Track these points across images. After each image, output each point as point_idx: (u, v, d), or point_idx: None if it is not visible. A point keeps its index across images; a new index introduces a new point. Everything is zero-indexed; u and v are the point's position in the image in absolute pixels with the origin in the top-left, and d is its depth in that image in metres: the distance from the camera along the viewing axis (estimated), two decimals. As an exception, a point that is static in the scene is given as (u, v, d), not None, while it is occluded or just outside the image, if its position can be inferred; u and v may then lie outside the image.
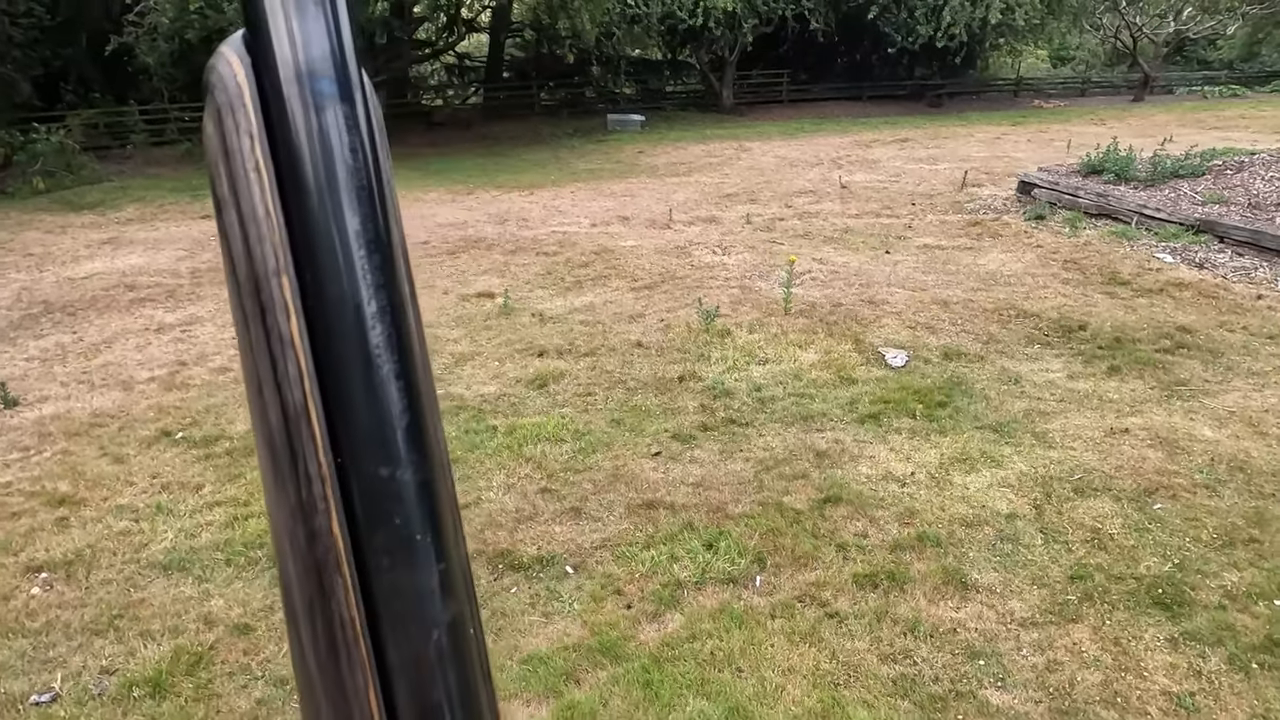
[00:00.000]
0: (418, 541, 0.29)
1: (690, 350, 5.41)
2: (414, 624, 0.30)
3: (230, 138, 0.28)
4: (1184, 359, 5.07)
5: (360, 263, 0.28)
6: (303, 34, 0.27)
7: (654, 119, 21.43)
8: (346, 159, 0.28)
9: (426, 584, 0.30)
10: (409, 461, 0.29)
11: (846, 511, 3.52)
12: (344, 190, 0.28)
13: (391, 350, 0.28)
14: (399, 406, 0.29)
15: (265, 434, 0.29)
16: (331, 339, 0.28)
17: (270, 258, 0.28)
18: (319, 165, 0.27)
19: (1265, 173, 8.42)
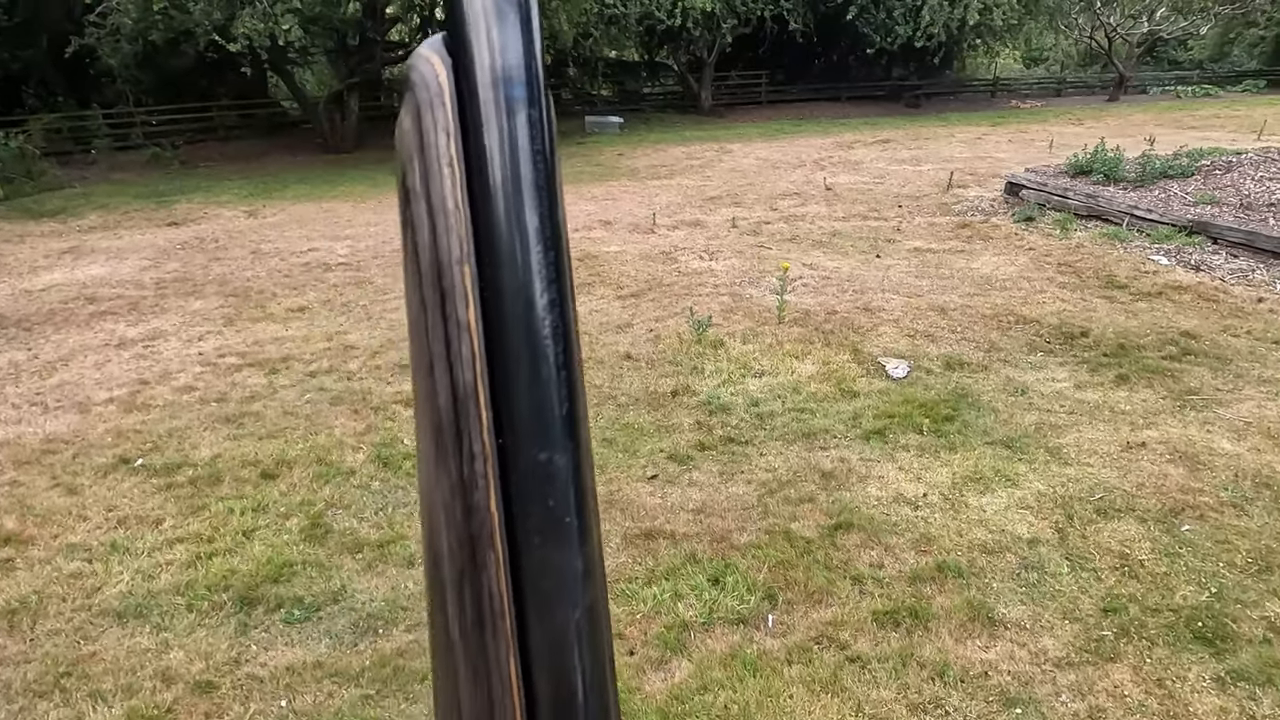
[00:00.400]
0: (566, 524, 0.30)
1: (682, 362, 5.17)
2: (557, 603, 0.30)
3: (428, 134, 0.30)
4: (1191, 366, 4.91)
5: (536, 258, 0.29)
6: (501, 41, 0.29)
7: (632, 121, 21.21)
8: (532, 160, 0.29)
9: (572, 565, 0.30)
10: (565, 447, 0.30)
11: (859, 539, 3.30)
12: (527, 189, 0.29)
13: (557, 341, 0.30)
14: (560, 395, 0.30)
15: (432, 413, 0.30)
16: (504, 327, 0.29)
17: (455, 247, 0.29)
18: (507, 165, 0.29)
19: (1255, 173, 8.34)
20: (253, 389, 5.08)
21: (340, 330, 6.16)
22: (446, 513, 0.30)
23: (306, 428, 4.51)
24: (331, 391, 5.00)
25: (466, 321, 0.29)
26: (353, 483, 3.91)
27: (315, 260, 8.36)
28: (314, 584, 3.17)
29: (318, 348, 5.77)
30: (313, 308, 6.79)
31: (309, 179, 14.33)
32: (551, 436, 0.30)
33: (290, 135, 19.53)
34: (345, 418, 4.64)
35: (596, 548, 0.32)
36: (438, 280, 0.30)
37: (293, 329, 6.24)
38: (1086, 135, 16.13)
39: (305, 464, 4.09)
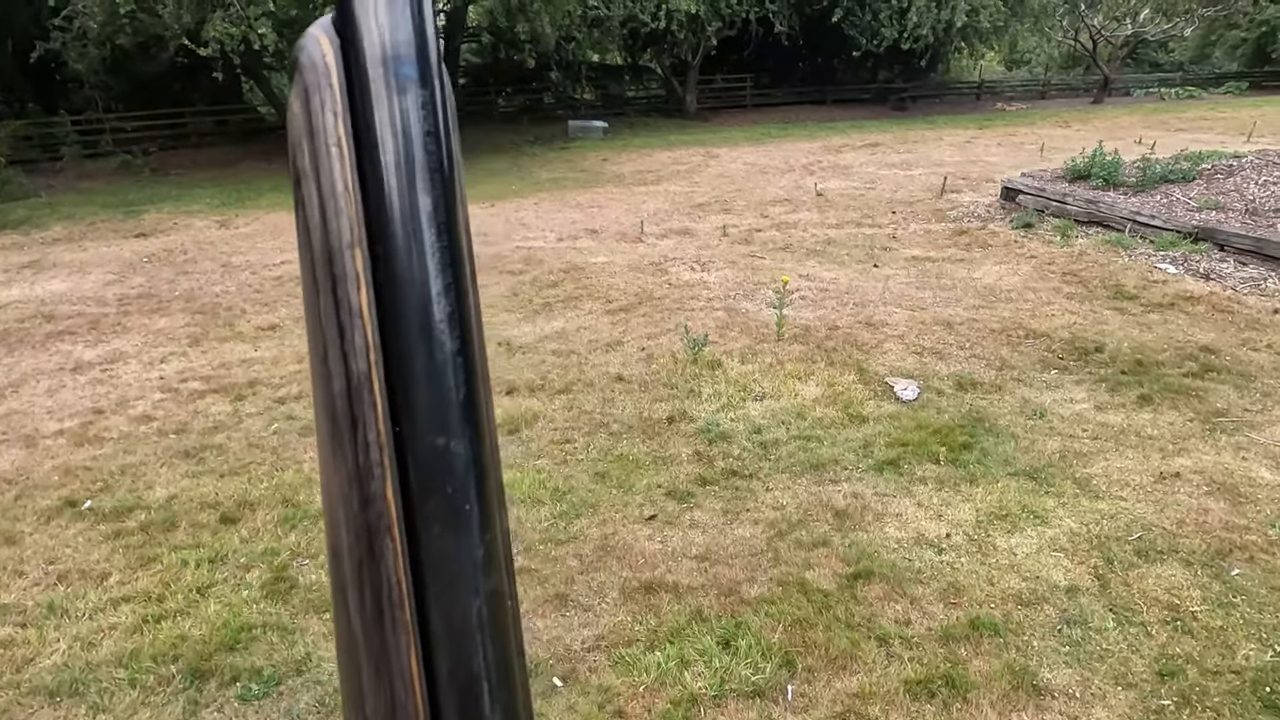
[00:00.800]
0: (466, 511, 0.30)
1: (678, 385, 4.85)
2: (458, 591, 0.30)
3: (316, 115, 0.29)
4: (1215, 384, 4.65)
5: (430, 242, 0.29)
6: (390, 20, 0.28)
7: (617, 125, 20.90)
8: (424, 141, 0.29)
9: (471, 553, 0.30)
10: (463, 434, 0.30)
11: (881, 590, 2.99)
12: (419, 171, 0.29)
13: (453, 327, 0.29)
14: (457, 380, 0.29)
15: (327, 401, 0.30)
16: (398, 313, 0.29)
17: (345, 231, 0.29)
18: (398, 145, 0.28)
19: (1258, 177, 8.14)
20: (216, 418, 4.72)
21: (313, 351, 5.79)
22: (344, 503, 0.30)
23: (273, 462, 4.16)
24: (301, 420, 4.64)
25: (359, 307, 0.29)
26: (321, 527, 3.56)
27: (288, 274, 7.98)
28: (275, 651, 2.82)
29: (288, 371, 5.41)
30: (284, 325, 6.42)
31: (284, 187, 13.88)
32: (449, 423, 0.29)
33: (265, 142, 19.06)
34: (315, 450, 4.27)
35: (500, 535, 0.31)
36: (329, 264, 0.29)
37: (262, 349, 5.88)
38: (1076, 138, 16.00)
39: (270, 505, 3.74)
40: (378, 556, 0.29)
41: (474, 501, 0.30)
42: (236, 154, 17.76)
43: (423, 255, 0.29)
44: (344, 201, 0.29)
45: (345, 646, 0.31)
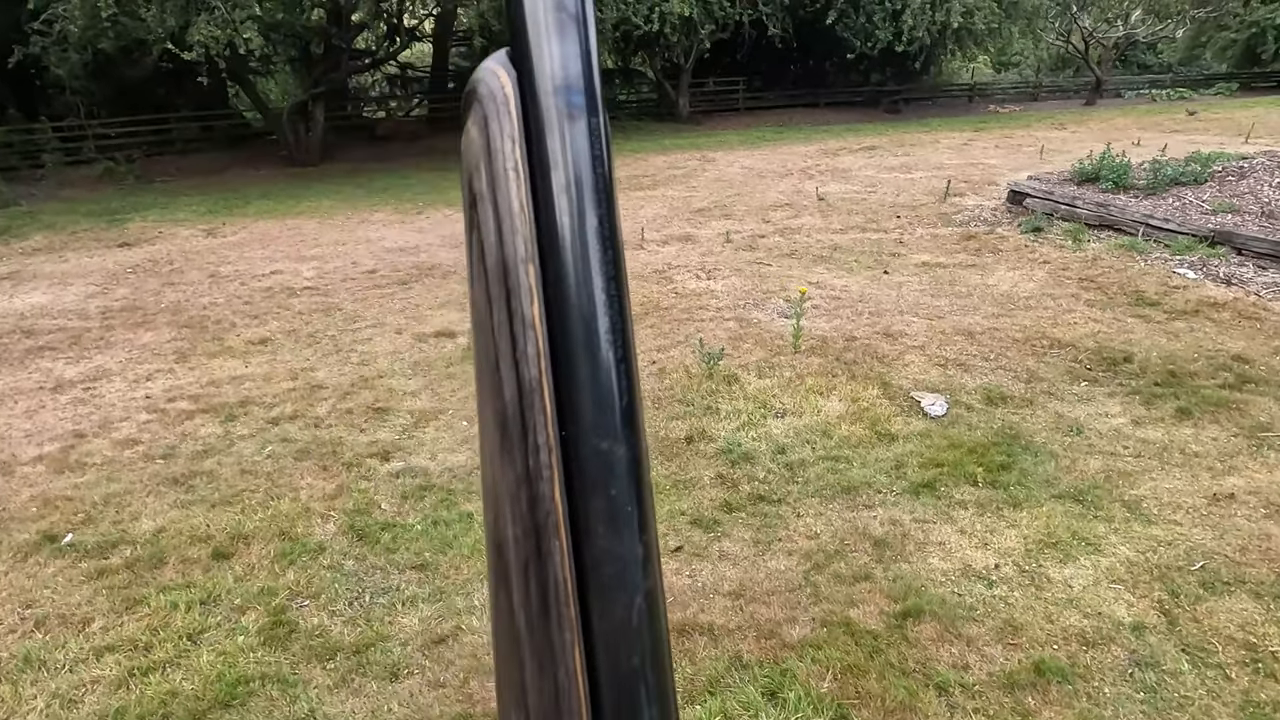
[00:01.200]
0: (628, 512, 0.31)
1: (694, 401, 4.62)
2: (620, 590, 0.31)
3: (494, 140, 0.31)
4: (1254, 396, 4.46)
5: (596, 256, 0.30)
6: (562, 54, 0.30)
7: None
8: (592, 164, 0.30)
9: (632, 553, 0.31)
10: (624, 438, 0.31)
11: (933, 630, 2.77)
12: (587, 192, 0.30)
13: (616, 338, 0.31)
14: (620, 387, 0.31)
15: (497, 407, 0.31)
16: (567, 323, 0.30)
17: (520, 248, 0.31)
18: (569, 169, 0.30)
19: (1271, 179, 8.00)
20: (205, 441, 4.45)
21: (306, 366, 5.54)
22: (512, 503, 0.31)
23: (267, 490, 3.90)
24: (297, 443, 4.38)
25: (531, 318, 0.30)
26: (322, 563, 3.31)
27: (279, 284, 7.71)
28: (275, 708, 2.57)
29: (281, 388, 5.15)
30: (276, 339, 6.16)
31: (272, 194, 13.61)
32: (612, 428, 0.30)
33: (252, 147, 18.75)
34: (312, 476, 4.03)
35: (654, 535, 0.32)
36: (504, 278, 0.31)
37: (253, 365, 5.61)
38: (1073, 140, 15.91)
39: (265, 539, 3.48)
40: (545, 555, 0.30)
41: (634, 503, 0.31)
42: (223, 160, 17.44)
43: (589, 271, 0.30)
44: (519, 220, 0.31)
45: (506, 642, 0.32)
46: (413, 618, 2.95)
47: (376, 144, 19.50)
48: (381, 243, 9.41)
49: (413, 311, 6.67)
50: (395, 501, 3.76)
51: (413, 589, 3.11)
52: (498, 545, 0.32)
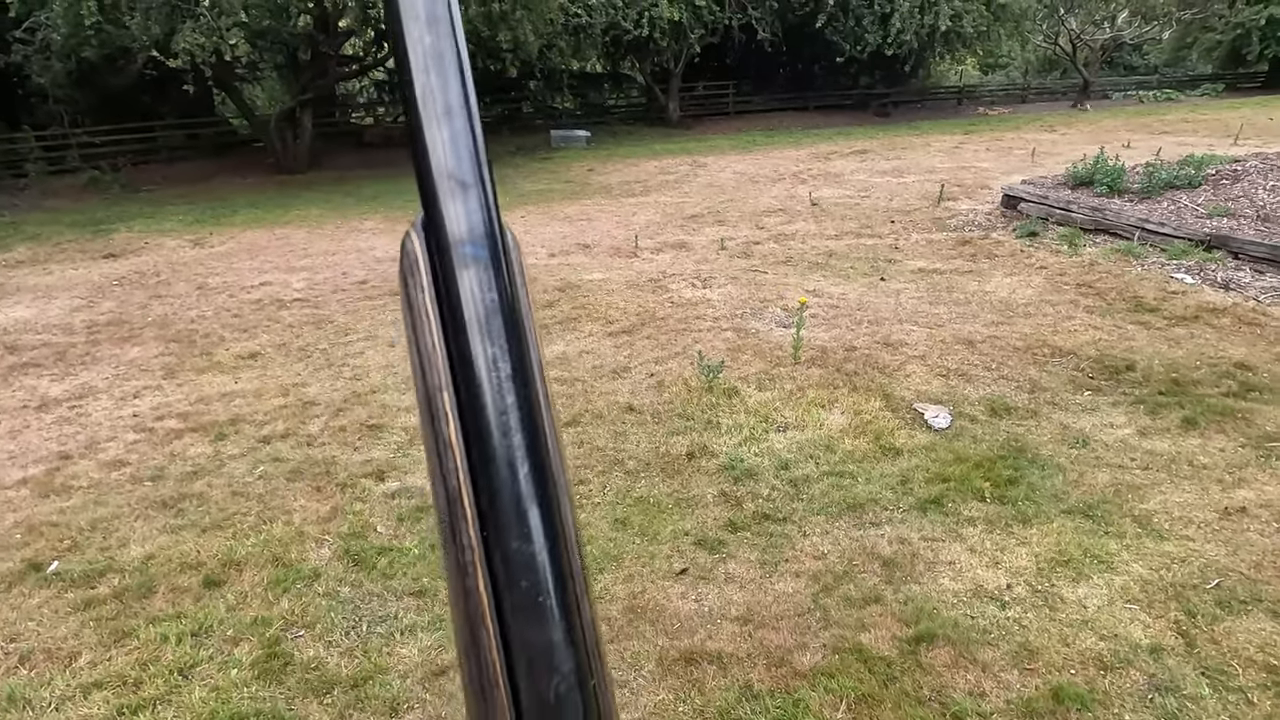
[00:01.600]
0: (542, 603, 0.35)
1: (694, 415, 4.55)
2: (543, 672, 0.34)
3: (411, 291, 0.37)
4: (1259, 405, 4.42)
5: (502, 383, 0.35)
6: (464, 213, 0.36)
7: (599, 134, 20.63)
8: (497, 302, 0.36)
9: (551, 639, 0.35)
10: (539, 538, 0.35)
11: (947, 655, 2.70)
12: (493, 325, 0.35)
13: (528, 451, 0.35)
14: (534, 494, 0.35)
15: (437, 509, 0.36)
16: (483, 440, 0.35)
17: (435, 378, 0.36)
18: (475, 307, 0.35)
19: (1265, 182, 8.00)
20: (195, 461, 4.35)
21: (298, 381, 5.43)
22: (453, 591, 0.36)
23: (259, 513, 3.80)
24: (289, 462, 4.29)
25: (448, 438, 0.35)
26: (317, 590, 3.22)
27: (268, 296, 7.60)
28: (270, 748, 2.48)
29: (272, 405, 5.05)
30: (266, 353, 6.05)
31: (260, 202, 13.48)
32: (525, 529, 0.35)
33: (239, 155, 18.60)
34: (306, 497, 3.93)
35: (581, 623, 0.36)
36: (427, 405, 0.36)
37: (243, 381, 5.51)
38: (1063, 142, 15.95)
39: (258, 565, 3.39)
40: (478, 642, 0.35)
41: (550, 594, 0.35)
42: (209, 168, 17.29)
43: (500, 393, 0.35)
44: (434, 356, 0.36)
45: (468, 703, 0.36)
46: (412, 648, 2.87)
47: (364, 151, 19.38)
48: (372, 252, 9.30)
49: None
50: (391, 524, 3.67)
51: (411, 617, 3.03)
52: (454, 627, 0.36)
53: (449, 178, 0.36)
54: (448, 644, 2.87)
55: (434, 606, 3.08)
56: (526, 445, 0.35)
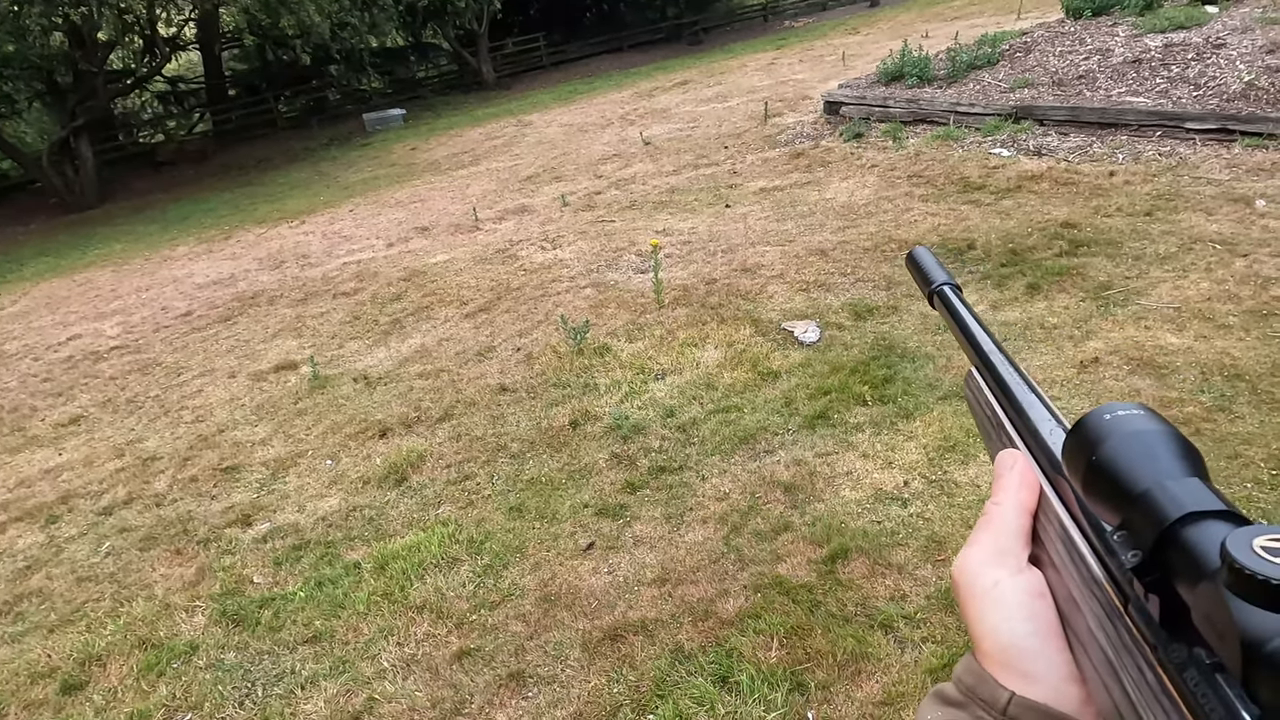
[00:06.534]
0: None
1: (569, 382, 4.39)
2: None
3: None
4: (1089, 258, 4.69)
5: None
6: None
7: (415, 110, 19.72)
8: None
9: None
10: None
11: (863, 567, 2.71)
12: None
13: None
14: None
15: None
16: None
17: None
18: None
19: (1054, 49, 8.47)
20: (27, 554, 3.84)
21: (133, 438, 4.90)
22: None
23: (115, 595, 3.39)
24: (138, 530, 3.85)
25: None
26: (197, 664, 2.90)
27: (80, 350, 6.82)
28: None
29: (107, 470, 4.53)
30: (89, 414, 5.43)
31: (51, 249, 12.12)
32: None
33: (16, 201, 16.66)
34: (165, 564, 3.54)
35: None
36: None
37: (68, 451, 4.92)
38: (868, 43, 16.46)
39: (123, 653, 3.01)
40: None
41: None
42: (-17, 221, 15.38)
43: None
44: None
45: None
46: (317, 701, 2.62)
47: (161, 171, 17.76)
48: (191, 280, 8.52)
49: (244, 349, 6.05)
50: (269, 571, 3.35)
51: (310, 667, 2.77)
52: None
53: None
54: (357, 686, 2.64)
55: (333, 650, 2.83)
56: None
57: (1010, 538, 0.41)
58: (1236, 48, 6.93)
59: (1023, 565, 0.41)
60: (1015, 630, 0.39)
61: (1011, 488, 0.43)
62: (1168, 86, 6.82)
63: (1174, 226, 4.82)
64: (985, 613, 0.39)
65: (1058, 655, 0.38)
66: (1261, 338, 3.54)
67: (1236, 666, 0.25)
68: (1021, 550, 0.41)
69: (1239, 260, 4.25)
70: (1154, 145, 6.25)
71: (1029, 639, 0.38)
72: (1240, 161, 5.55)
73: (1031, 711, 0.37)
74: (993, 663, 0.39)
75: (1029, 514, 0.42)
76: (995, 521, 0.42)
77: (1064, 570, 0.38)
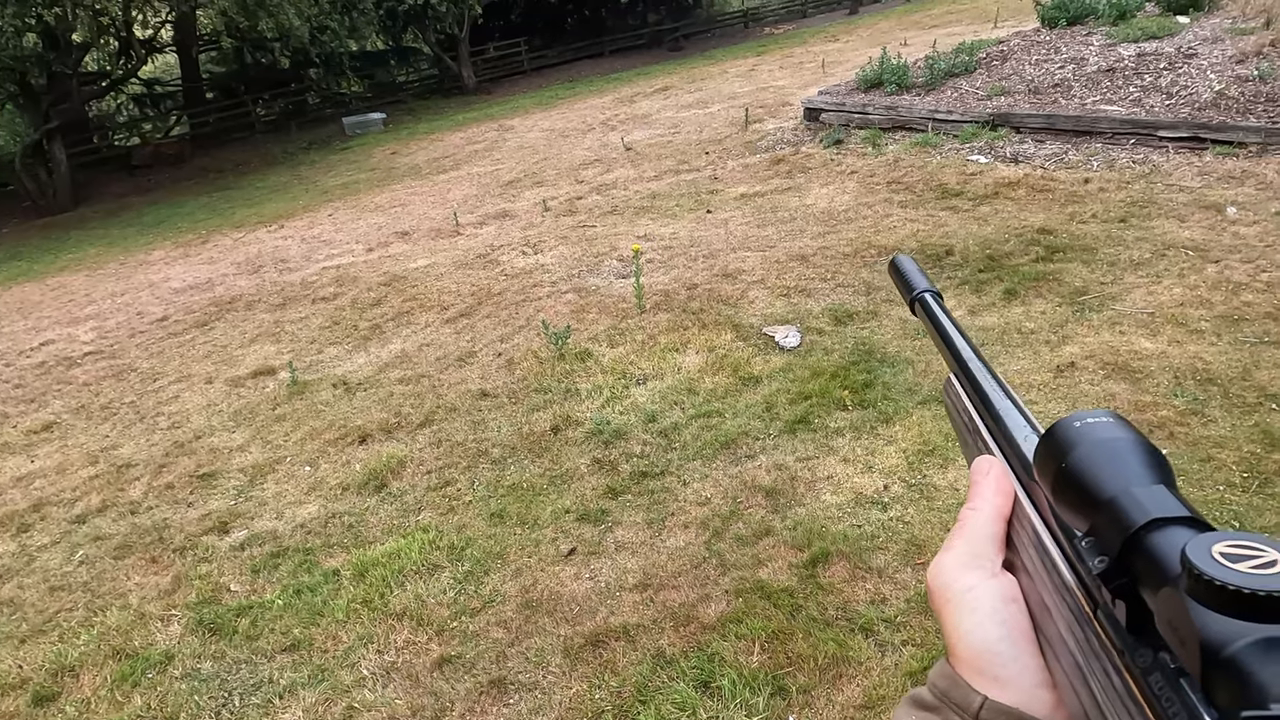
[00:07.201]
0: None
1: (551, 387, 4.38)
2: None
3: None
4: (1065, 264, 4.74)
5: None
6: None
7: (396, 114, 19.64)
8: None
9: None
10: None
11: (844, 570, 2.72)
12: None
13: None
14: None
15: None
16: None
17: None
18: None
19: (1029, 58, 8.58)
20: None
21: (107, 445, 4.83)
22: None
23: (88, 604, 3.34)
24: (113, 538, 3.80)
25: None
26: (173, 674, 2.86)
27: (53, 356, 6.72)
28: None
29: (80, 478, 4.46)
30: (62, 421, 5.35)
31: (23, 253, 11.94)
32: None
33: (-12, 203, 16.40)
34: (141, 573, 3.49)
35: None
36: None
37: (41, 458, 4.84)
38: (848, 50, 16.59)
39: (97, 664, 2.97)
40: None
41: None
42: (-47, 225, 15.13)
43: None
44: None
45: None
46: (295, 710, 2.59)
47: (137, 174, 17.56)
48: (167, 284, 8.43)
49: (221, 354, 5.99)
50: (246, 579, 3.31)
51: (288, 676, 2.74)
52: None
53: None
54: (336, 695, 2.62)
55: (311, 658, 2.80)
56: None
57: (984, 543, 0.42)
58: (1207, 57, 7.06)
59: (997, 570, 0.41)
60: (988, 635, 0.39)
61: (986, 493, 0.43)
62: (1141, 95, 6.93)
63: (1147, 233, 4.90)
64: (959, 618, 0.40)
65: (1030, 660, 0.38)
66: (1233, 343, 3.60)
67: (1197, 671, 0.26)
68: (996, 555, 0.41)
69: (1211, 266, 4.32)
70: (1128, 153, 6.34)
71: (1001, 644, 0.38)
72: (1211, 169, 5.65)
73: (1003, 716, 0.37)
74: (966, 667, 0.39)
75: (1003, 520, 0.42)
76: (970, 527, 0.42)
77: (1036, 576, 0.38)
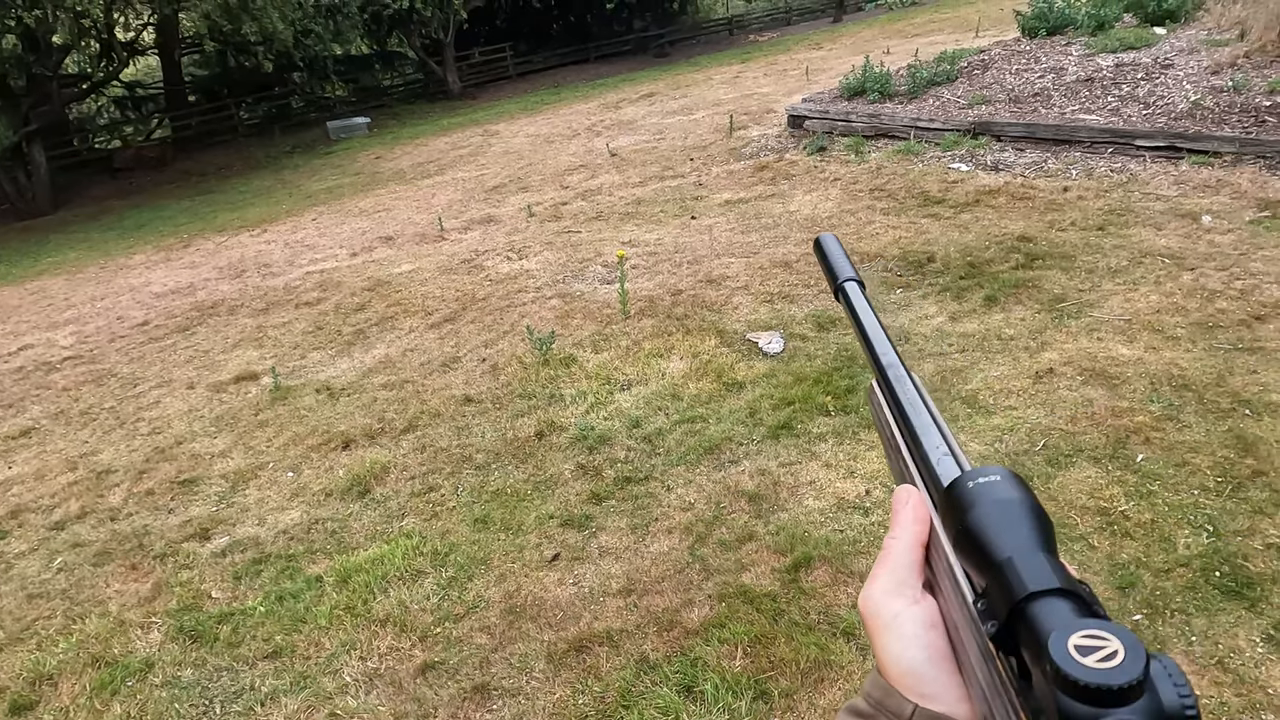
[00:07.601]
0: None
1: (535, 393, 4.39)
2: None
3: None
4: (1044, 271, 4.80)
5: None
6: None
7: (380, 118, 19.58)
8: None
9: None
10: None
11: (825, 575, 2.74)
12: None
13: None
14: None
15: None
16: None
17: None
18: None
19: (1010, 67, 8.69)
20: (-26, 571, 3.73)
21: (87, 450, 4.79)
22: None
23: (66, 612, 3.31)
24: (92, 545, 3.76)
25: None
26: (153, 682, 2.84)
27: (31, 361, 6.65)
28: None
29: (59, 484, 4.42)
30: (41, 426, 5.30)
31: (1, 257, 11.81)
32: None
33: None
34: (120, 580, 3.47)
35: None
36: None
37: (18, 465, 4.79)
38: (831, 58, 16.72)
39: (75, 672, 2.94)
40: None
41: None
42: (-71, 228, 14.93)
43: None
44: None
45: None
46: (277, 717, 2.58)
47: (119, 177, 17.41)
48: (149, 288, 8.36)
49: (202, 360, 5.95)
50: (228, 585, 3.29)
51: (270, 683, 2.73)
52: None
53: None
54: (319, 702, 2.61)
55: (294, 665, 2.79)
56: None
57: (906, 570, 0.44)
58: (1183, 68, 7.18)
59: (918, 597, 0.44)
60: (914, 658, 0.42)
61: (906, 522, 0.46)
62: (1119, 105, 7.03)
63: (1125, 241, 4.97)
64: (888, 642, 0.43)
65: (950, 679, 0.41)
66: (1208, 349, 3.66)
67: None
68: (916, 581, 0.44)
69: (1186, 274, 4.39)
70: (1106, 161, 6.43)
71: (924, 666, 0.42)
72: (1187, 178, 5.74)
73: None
74: (896, 684, 0.42)
75: (921, 545, 0.45)
76: (892, 556, 0.45)
77: (950, 601, 0.41)
